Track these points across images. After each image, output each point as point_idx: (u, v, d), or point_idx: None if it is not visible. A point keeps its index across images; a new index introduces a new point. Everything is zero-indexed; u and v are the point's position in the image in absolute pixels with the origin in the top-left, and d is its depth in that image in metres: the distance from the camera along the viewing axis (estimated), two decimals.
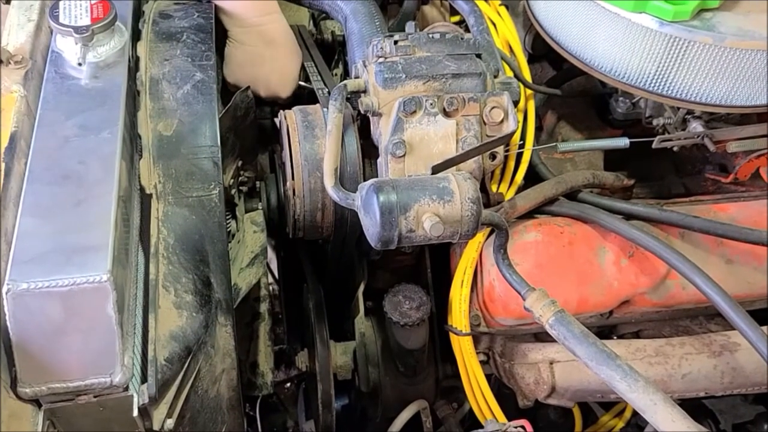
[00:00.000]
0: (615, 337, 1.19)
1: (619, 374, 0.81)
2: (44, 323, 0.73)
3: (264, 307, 1.28)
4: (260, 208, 1.20)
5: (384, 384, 1.15)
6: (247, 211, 1.21)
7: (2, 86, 0.92)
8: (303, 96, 1.29)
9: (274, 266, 1.61)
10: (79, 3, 0.96)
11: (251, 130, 1.19)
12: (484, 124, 0.94)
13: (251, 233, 1.15)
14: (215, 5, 1.15)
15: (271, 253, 1.52)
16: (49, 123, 0.88)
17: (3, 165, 0.83)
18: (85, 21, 0.94)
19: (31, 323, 0.73)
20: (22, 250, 0.75)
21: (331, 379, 1.11)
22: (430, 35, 1.00)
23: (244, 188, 1.24)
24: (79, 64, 0.93)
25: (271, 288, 1.58)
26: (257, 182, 1.25)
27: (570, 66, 1.14)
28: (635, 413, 1.37)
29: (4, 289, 0.72)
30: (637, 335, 1.18)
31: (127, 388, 0.76)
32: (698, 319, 1.18)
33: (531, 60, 1.28)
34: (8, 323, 0.72)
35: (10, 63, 0.95)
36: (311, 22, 1.49)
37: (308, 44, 1.33)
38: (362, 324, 1.16)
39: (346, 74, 1.31)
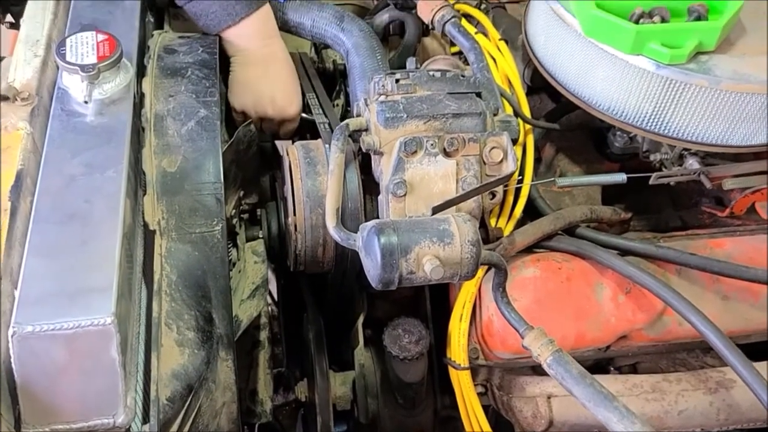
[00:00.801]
0: (613, 369, 1.20)
1: (617, 416, 0.82)
2: (48, 365, 0.74)
3: (264, 335, 1.29)
4: (261, 236, 1.21)
5: (383, 415, 1.15)
6: (248, 239, 1.22)
7: (9, 123, 0.94)
8: (304, 127, 1.31)
9: (273, 287, 1.62)
10: (86, 40, 0.98)
11: (253, 161, 1.20)
12: (484, 163, 0.95)
13: (252, 264, 1.16)
14: (219, 36, 1.17)
15: (271, 275, 1.53)
16: (55, 161, 0.89)
17: (9, 204, 0.84)
18: (92, 59, 0.96)
19: (35, 365, 0.74)
20: (27, 291, 0.76)
21: (331, 411, 1.12)
22: (431, 73, 1.01)
23: (245, 215, 1.26)
24: (86, 102, 0.94)
25: (270, 309, 1.59)
26: (258, 209, 1.27)
27: (568, 100, 1.16)
28: None
29: (10, 332, 0.72)
30: (634, 367, 1.19)
31: (129, 429, 0.77)
32: (695, 352, 1.19)
33: (530, 92, 1.29)
34: (13, 365, 0.73)
35: (16, 100, 0.97)
36: (312, 49, 1.51)
37: (310, 74, 1.35)
38: (362, 355, 1.17)
39: (347, 105, 1.33)
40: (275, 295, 1.67)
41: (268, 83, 1.21)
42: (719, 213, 1.22)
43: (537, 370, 1.14)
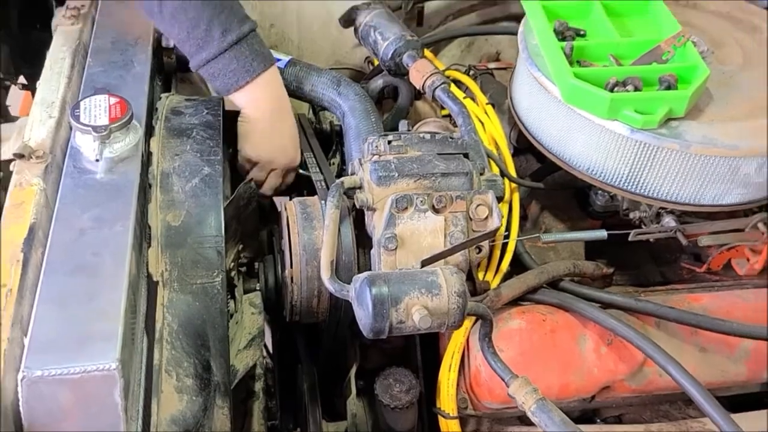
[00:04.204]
0: (599, 421, 1.23)
1: None
2: (55, 409, 0.78)
3: (259, 386, 1.32)
4: (258, 288, 1.26)
5: None
6: (245, 291, 1.27)
7: (24, 180, 1.00)
8: (302, 183, 1.38)
9: (268, 339, 1.65)
10: (99, 103, 1.04)
11: (253, 217, 1.26)
12: (471, 220, 1.01)
13: (249, 315, 1.20)
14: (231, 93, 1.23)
15: (267, 327, 1.56)
16: (67, 216, 0.94)
17: (22, 255, 0.89)
18: (104, 120, 1.02)
19: (42, 408, 0.77)
20: (37, 338, 0.80)
21: None
22: (422, 135, 1.09)
23: (243, 268, 1.30)
24: (97, 160, 1.01)
25: (265, 362, 1.62)
26: (255, 263, 1.32)
27: (552, 161, 1.23)
28: None
29: (20, 376, 0.76)
30: (619, 419, 1.22)
31: None
32: (677, 404, 1.22)
33: (516, 153, 1.36)
34: (21, 408, 0.77)
35: (32, 157, 1.03)
36: (310, 111, 1.59)
37: (308, 134, 1.42)
38: (354, 405, 1.20)
39: (342, 163, 1.39)
40: (270, 348, 1.70)
41: (280, 134, 1.28)
42: (697, 269, 1.27)
43: (524, 420, 1.17)
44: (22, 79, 1.77)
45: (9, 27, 1.64)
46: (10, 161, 1.08)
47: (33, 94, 1.78)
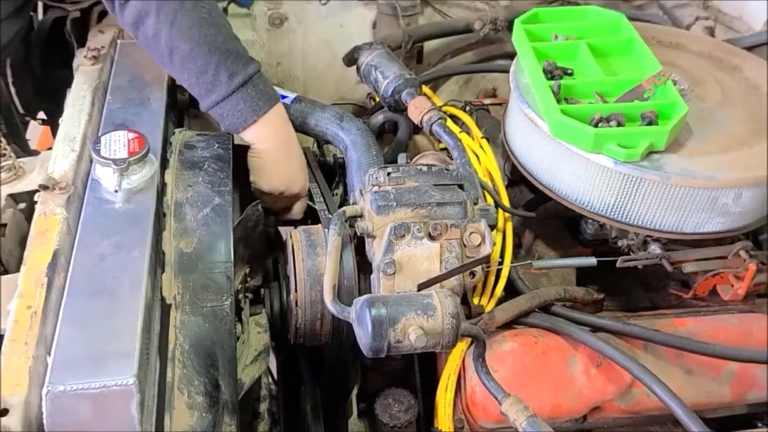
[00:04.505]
0: None
1: None
2: (76, 422, 0.84)
3: (264, 407, 1.38)
4: (264, 312, 1.32)
5: None
6: (251, 315, 1.33)
7: (48, 209, 1.07)
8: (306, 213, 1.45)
9: (273, 365, 1.70)
10: (118, 138, 1.12)
11: (259, 240, 1.32)
12: (464, 246, 1.08)
13: (255, 334, 1.26)
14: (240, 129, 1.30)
15: (272, 355, 1.62)
16: (88, 243, 1.01)
17: (46, 279, 0.96)
18: (123, 154, 1.10)
19: (64, 421, 0.83)
20: (60, 356, 0.86)
21: None
22: (419, 167, 1.16)
23: (250, 295, 1.37)
24: (116, 191, 1.08)
25: (270, 389, 1.67)
26: (262, 290, 1.38)
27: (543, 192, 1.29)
28: None
29: (44, 390, 0.83)
30: None
31: None
32: (667, 425, 1.27)
33: (510, 184, 1.43)
34: (44, 421, 0.83)
35: (55, 188, 1.11)
36: (315, 144, 1.67)
37: (312, 166, 1.50)
38: (355, 425, 1.25)
39: (345, 194, 1.46)
40: (275, 375, 1.75)
41: (289, 165, 1.35)
42: (684, 295, 1.33)
43: None
44: (41, 115, 1.86)
45: (31, 66, 1.73)
46: (34, 192, 1.16)
47: (52, 129, 1.87)
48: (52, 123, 1.84)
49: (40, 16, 1.80)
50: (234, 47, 1.26)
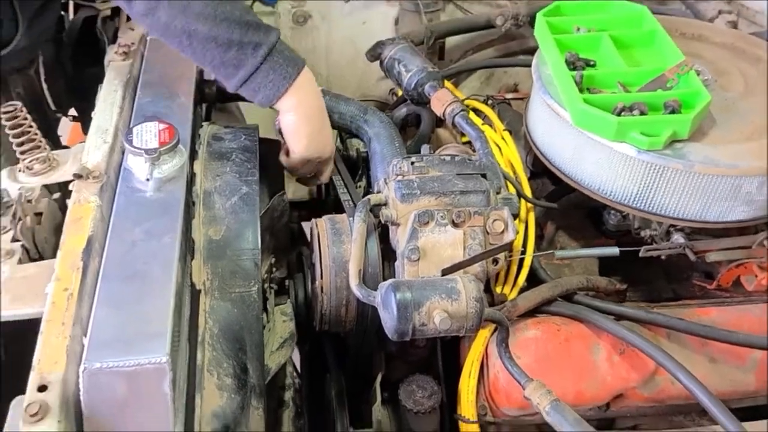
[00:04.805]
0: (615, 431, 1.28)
1: None
2: (111, 398, 0.86)
3: (289, 396, 1.39)
4: (289, 302, 1.34)
5: None
6: (276, 306, 1.35)
7: (82, 197, 1.10)
8: (329, 204, 1.48)
9: (296, 359, 1.73)
10: (150, 129, 1.15)
11: (285, 230, 1.35)
12: (488, 233, 1.09)
13: (281, 322, 1.28)
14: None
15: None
16: (121, 229, 1.04)
17: (81, 263, 0.99)
18: (154, 144, 1.13)
19: (100, 398, 0.86)
20: (96, 335, 0.89)
21: None
22: (442, 157, 1.17)
23: (275, 286, 1.39)
24: (147, 180, 1.11)
25: (295, 380, 1.69)
26: (286, 281, 1.40)
27: (566, 183, 1.30)
28: None
29: (81, 368, 0.85)
30: (634, 429, 1.27)
31: None
32: (691, 415, 1.27)
33: (532, 176, 1.44)
34: (81, 397, 0.86)
35: (89, 178, 1.14)
36: (338, 138, 1.69)
37: (336, 159, 1.52)
38: (379, 412, 1.27)
39: (368, 186, 1.48)
40: (298, 368, 1.77)
41: (324, 128, 1.33)
42: (708, 286, 1.33)
43: (541, 428, 1.23)
44: (72, 111, 1.90)
45: (63, 64, 1.78)
46: (67, 183, 1.19)
47: (83, 126, 1.92)
48: (83, 120, 1.88)
49: (71, 16, 1.86)
50: (252, 19, 1.22)
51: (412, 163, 1.14)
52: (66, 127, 1.99)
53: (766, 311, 1.23)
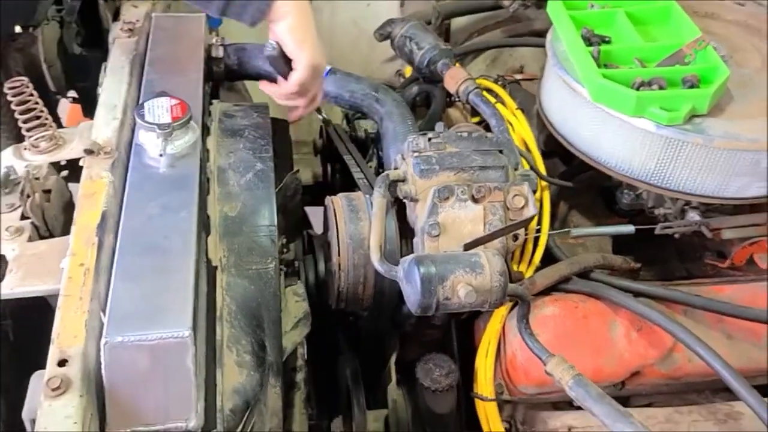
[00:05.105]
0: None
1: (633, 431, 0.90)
2: (133, 372, 0.84)
3: (300, 377, 1.38)
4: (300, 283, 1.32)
5: None
6: (287, 287, 1.33)
7: (94, 173, 1.08)
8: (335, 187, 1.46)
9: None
10: (161, 104, 1.13)
11: (296, 211, 1.33)
12: (508, 209, 1.08)
13: (294, 303, 1.26)
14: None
15: None
16: (136, 204, 1.02)
17: (96, 239, 0.97)
18: (166, 119, 1.10)
19: (122, 372, 0.84)
20: (116, 309, 0.87)
21: None
22: (459, 133, 1.16)
23: (284, 268, 1.37)
24: (161, 155, 1.09)
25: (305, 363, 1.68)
26: (296, 262, 1.39)
27: (579, 161, 1.29)
28: None
29: (102, 341, 0.83)
30: (649, 407, 1.27)
31: None
32: (704, 393, 1.27)
33: (544, 156, 1.43)
34: (103, 372, 0.84)
35: (100, 153, 1.12)
36: (344, 121, 1.68)
37: (345, 140, 1.50)
38: (394, 392, 1.26)
39: (379, 167, 1.47)
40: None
41: (317, 35, 1.22)
42: (721, 264, 1.33)
43: (557, 406, 1.23)
44: (73, 93, 1.87)
45: (64, 45, 1.75)
46: (74, 160, 1.17)
47: (83, 108, 1.88)
48: (83, 102, 1.85)
49: None
50: None
51: (429, 139, 1.13)
52: (64, 109, 1.95)
53: None
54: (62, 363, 0.83)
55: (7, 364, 1.15)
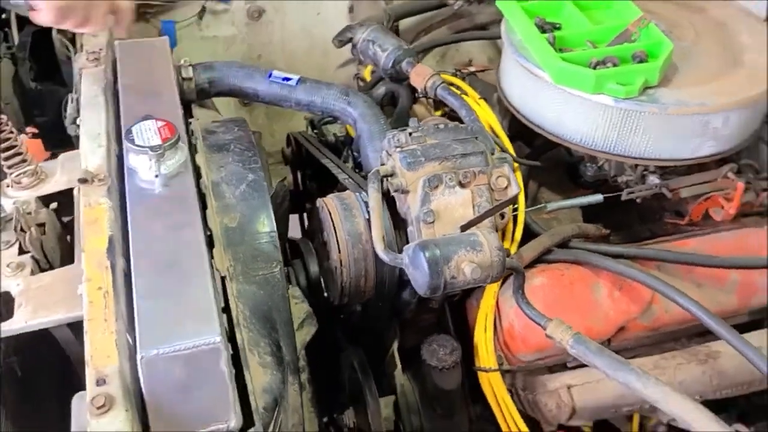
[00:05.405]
0: None
1: (635, 376, 1.00)
2: (171, 383, 0.88)
3: (305, 377, 1.42)
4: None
5: (426, 429, 1.29)
6: None
7: (92, 200, 1.10)
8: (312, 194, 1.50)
9: None
10: (149, 127, 1.16)
11: (284, 218, 1.38)
12: (492, 190, 1.16)
13: (294, 305, 1.30)
14: None
15: None
16: (140, 226, 1.04)
17: (108, 262, 1.00)
18: (156, 141, 1.13)
19: (161, 384, 0.87)
20: (145, 325, 0.90)
21: (384, 429, 1.26)
22: (436, 125, 1.23)
23: None
24: (156, 176, 1.12)
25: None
26: (285, 268, 1.43)
27: (542, 142, 1.39)
28: None
29: (138, 357, 0.87)
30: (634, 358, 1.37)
31: None
32: (681, 340, 1.38)
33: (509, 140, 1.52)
34: (142, 385, 0.87)
35: (94, 181, 1.14)
36: (309, 128, 1.73)
37: (317, 145, 1.56)
38: (401, 377, 1.32)
39: (355, 168, 1.53)
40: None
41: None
42: (680, 222, 1.45)
43: (552, 370, 1.31)
44: (32, 129, 1.85)
45: (21, 81, 1.73)
46: (59, 192, 1.19)
47: (43, 143, 1.87)
48: (44, 136, 1.83)
49: (15, 32, 1.81)
50: None
51: (410, 134, 1.19)
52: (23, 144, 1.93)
53: (737, 237, 1.36)
54: (100, 382, 0.86)
55: (15, 399, 1.15)
